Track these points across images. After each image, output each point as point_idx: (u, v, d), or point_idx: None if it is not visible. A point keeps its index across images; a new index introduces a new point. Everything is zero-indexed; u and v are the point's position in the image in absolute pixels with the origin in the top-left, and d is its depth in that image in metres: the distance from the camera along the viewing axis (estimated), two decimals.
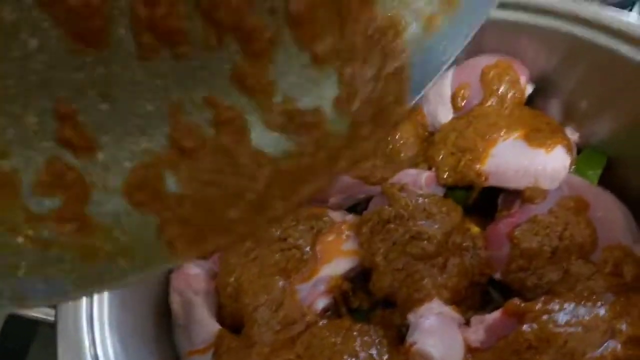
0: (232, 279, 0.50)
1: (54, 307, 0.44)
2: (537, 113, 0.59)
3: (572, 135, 0.59)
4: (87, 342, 0.41)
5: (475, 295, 0.50)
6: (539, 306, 0.42)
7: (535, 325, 0.40)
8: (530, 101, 0.62)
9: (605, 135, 0.58)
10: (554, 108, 0.62)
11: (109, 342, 0.42)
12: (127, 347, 0.43)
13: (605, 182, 0.57)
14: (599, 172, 0.57)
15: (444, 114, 0.60)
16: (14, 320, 0.46)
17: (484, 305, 0.52)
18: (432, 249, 0.48)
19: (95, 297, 0.43)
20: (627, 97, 0.54)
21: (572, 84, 0.59)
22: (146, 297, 0.51)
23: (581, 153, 0.58)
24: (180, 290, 0.51)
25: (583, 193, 0.51)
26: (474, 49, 0.62)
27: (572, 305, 0.41)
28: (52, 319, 0.43)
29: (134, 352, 0.44)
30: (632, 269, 0.46)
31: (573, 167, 0.56)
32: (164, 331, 0.53)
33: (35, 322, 0.44)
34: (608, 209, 0.51)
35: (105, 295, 0.44)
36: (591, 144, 0.60)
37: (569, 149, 0.54)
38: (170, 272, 0.53)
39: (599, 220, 0.49)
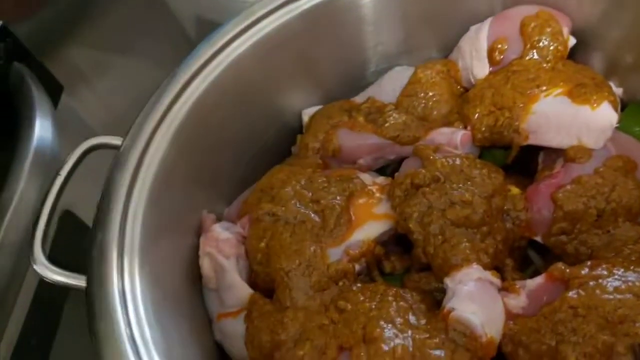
0: (262, 244, 0.49)
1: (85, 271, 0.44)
2: (581, 67, 0.55)
3: (617, 90, 0.55)
4: (120, 318, 0.40)
5: (515, 259, 0.48)
6: (585, 271, 0.40)
7: (582, 292, 0.38)
8: (572, 54, 0.58)
9: None
10: (597, 61, 0.58)
11: (142, 314, 0.41)
12: (160, 317, 0.43)
13: None
14: None
15: (480, 69, 0.57)
16: (46, 285, 0.46)
17: (524, 268, 0.50)
18: (478, 218, 0.46)
19: (126, 267, 0.43)
20: None
21: (616, 35, 0.56)
22: (177, 262, 0.51)
23: (626, 109, 0.55)
24: (211, 254, 0.50)
25: (631, 151, 0.48)
26: (510, 1, 0.58)
27: (622, 270, 0.39)
28: (84, 284, 0.43)
29: (168, 319, 0.44)
30: None
31: (618, 124, 0.53)
32: (195, 295, 0.52)
33: (67, 288, 0.44)
34: None
35: (136, 264, 0.44)
36: (637, 99, 0.56)
37: (615, 105, 0.51)
38: (199, 236, 0.53)
39: None
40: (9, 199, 0.57)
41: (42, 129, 0.65)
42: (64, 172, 0.49)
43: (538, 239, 0.47)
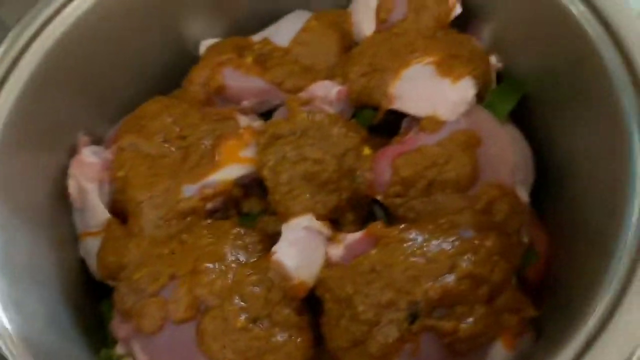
0: (121, 173, 0.51)
1: None
2: (463, 38, 0.56)
3: (496, 63, 0.58)
4: None
5: (358, 212, 0.52)
6: (395, 233, 0.44)
7: (383, 250, 0.43)
8: (464, 23, 0.59)
9: (526, 70, 0.57)
10: (485, 33, 0.59)
11: None
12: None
13: (519, 117, 0.57)
14: (510, 106, 0.56)
15: (368, 26, 0.58)
16: None
17: (369, 222, 0.54)
18: (325, 176, 0.49)
19: None
20: (548, 36, 0.52)
21: (504, 12, 0.57)
22: (43, 179, 0.53)
23: (499, 85, 0.57)
24: (75, 176, 0.52)
25: (480, 128, 0.51)
26: None
27: (426, 236, 0.43)
28: None
29: (13, 232, 0.47)
30: (504, 208, 0.48)
31: (487, 98, 0.56)
32: (63, 213, 0.55)
33: None
34: (502, 148, 0.51)
35: None
36: (513, 75, 0.58)
37: (480, 80, 0.53)
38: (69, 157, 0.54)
39: (489, 157, 0.50)
40: None
41: None
42: None
43: (379, 198, 0.50)
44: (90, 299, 0.54)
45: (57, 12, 0.53)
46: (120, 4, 0.56)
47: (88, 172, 0.52)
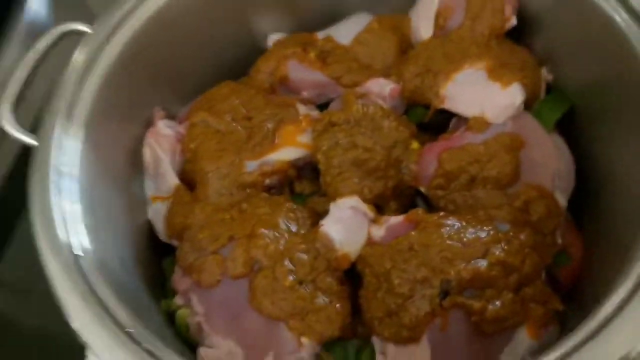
0: (192, 145, 0.57)
1: None
2: (517, 49, 0.60)
3: (547, 75, 0.60)
4: (51, 184, 0.49)
5: (401, 201, 0.56)
6: (434, 218, 0.48)
7: (422, 232, 0.47)
8: (520, 34, 0.62)
9: (575, 83, 0.59)
10: (538, 46, 0.62)
11: (76, 184, 0.50)
12: (93, 190, 0.52)
13: (565, 128, 0.60)
14: (557, 115, 0.59)
15: (426, 31, 0.62)
16: None
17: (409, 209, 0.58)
18: (373, 164, 0.53)
19: (71, 137, 0.51)
20: (598, 51, 0.54)
21: (557, 26, 0.59)
22: (123, 146, 0.60)
23: (547, 95, 0.60)
24: (151, 145, 0.59)
25: (525, 133, 0.54)
26: None
27: (463, 223, 0.47)
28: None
29: (102, 193, 0.53)
30: (541, 210, 0.51)
31: (535, 106, 0.59)
32: (136, 178, 0.62)
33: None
34: (545, 154, 0.54)
35: (80, 135, 0.52)
36: (562, 87, 0.61)
37: (528, 88, 0.56)
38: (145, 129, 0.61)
39: (531, 161, 0.53)
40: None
41: (37, 4, 0.72)
42: (40, 46, 0.57)
43: (422, 189, 0.54)
44: (154, 256, 0.60)
45: (141, 2, 0.59)
46: None
47: (163, 142, 0.59)
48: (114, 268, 0.49)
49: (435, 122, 0.60)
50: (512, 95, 0.55)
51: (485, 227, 0.47)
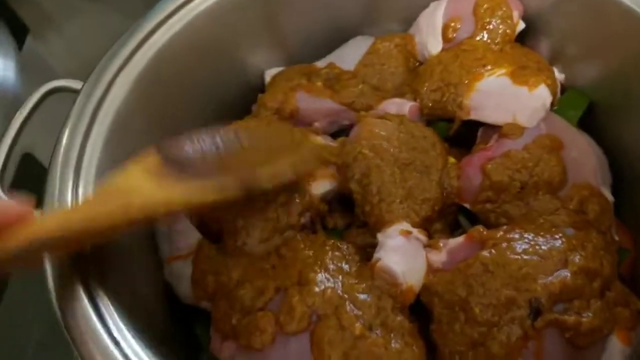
0: None
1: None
2: (527, 51, 0.59)
3: (559, 75, 0.60)
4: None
5: (446, 221, 0.52)
6: (500, 234, 0.44)
7: (494, 251, 0.43)
8: (522, 38, 0.62)
9: (591, 79, 0.59)
10: (544, 47, 0.62)
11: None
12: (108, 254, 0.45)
13: (585, 124, 0.59)
14: (579, 113, 0.58)
15: (434, 45, 0.60)
16: None
17: (453, 231, 0.54)
18: (416, 182, 0.50)
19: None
20: (615, 43, 0.54)
21: (563, 24, 0.59)
22: None
23: (565, 93, 0.59)
24: None
25: (560, 133, 0.52)
26: None
27: (532, 235, 0.44)
28: None
29: (117, 256, 0.47)
30: (596, 208, 0.49)
31: (555, 107, 0.57)
32: (148, 237, 0.55)
33: None
34: (582, 151, 0.53)
35: None
36: (576, 85, 0.60)
37: (552, 88, 0.55)
38: None
39: (572, 160, 0.51)
40: None
41: (4, 70, 0.66)
42: (24, 111, 0.51)
43: (467, 205, 0.51)
44: (178, 324, 0.53)
45: (135, 51, 0.55)
46: (194, 39, 0.58)
47: None
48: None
49: (460, 136, 0.57)
50: (541, 97, 0.53)
51: (555, 235, 0.44)
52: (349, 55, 0.64)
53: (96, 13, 0.84)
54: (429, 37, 0.60)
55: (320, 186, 0.53)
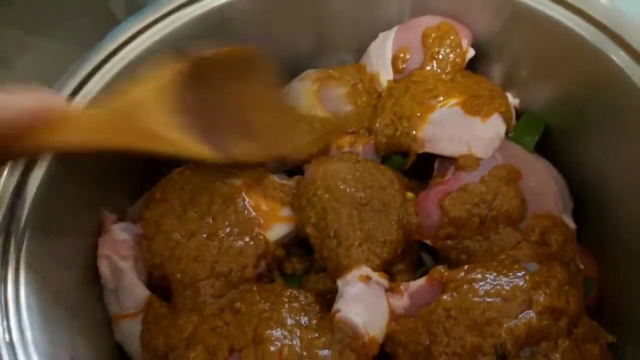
0: (158, 248, 0.48)
1: None
2: (480, 79, 0.58)
3: (513, 100, 0.59)
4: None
5: (409, 259, 0.51)
6: (461, 275, 0.43)
7: (455, 295, 0.41)
8: (474, 64, 0.61)
9: (545, 102, 0.58)
10: (496, 72, 0.61)
11: (25, 319, 0.40)
12: (47, 320, 0.42)
13: (543, 148, 0.58)
14: (536, 138, 0.57)
15: (385, 77, 0.59)
16: None
17: (417, 268, 0.52)
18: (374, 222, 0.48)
19: (10, 274, 0.42)
20: (565, 65, 0.53)
21: (514, 49, 0.59)
22: (75, 263, 0.50)
23: (520, 118, 0.59)
24: (108, 256, 0.49)
25: (517, 162, 0.51)
26: (417, 9, 0.60)
27: (494, 275, 0.42)
28: None
29: (58, 321, 0.43)
30: (559, 238, 0.47)
31: (511, 133, 0.57)
32: (96, 295, 0.51)
33: None
34: (541, 179, 0.52)
35: (22, 269, 0.42)
36: (531, 109, 0.60)
37: (506, 116, 0.54)
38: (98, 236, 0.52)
39: (531, 190, 0.50)
40: None
41: None
42: None
43: (428, 242, 0.49)
44: None
45: (84, 82, 0.52)
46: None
47: (121, 249, 0.49)
48: None
49: (418, 166, 0.56)
50: (495, 126, 0.52)
51: (517, 273, 0.42)
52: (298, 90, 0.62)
53: (48, 47, 0.80)
54: (380, 69, 0.59)
55: (277, 230, 0.51)
